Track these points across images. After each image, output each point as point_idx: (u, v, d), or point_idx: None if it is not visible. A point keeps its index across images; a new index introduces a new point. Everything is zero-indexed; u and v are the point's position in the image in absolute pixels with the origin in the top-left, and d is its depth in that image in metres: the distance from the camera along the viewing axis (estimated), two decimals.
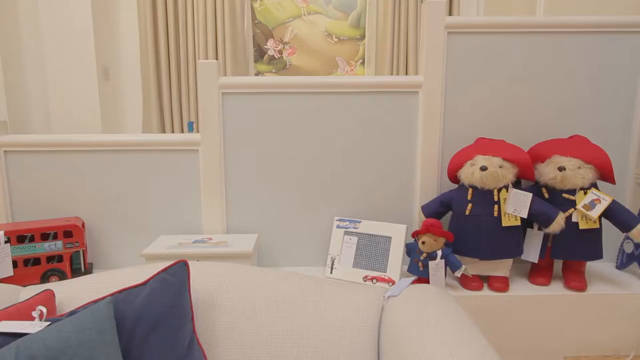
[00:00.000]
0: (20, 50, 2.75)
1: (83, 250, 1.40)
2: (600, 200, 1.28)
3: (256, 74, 3.02)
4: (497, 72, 1.45)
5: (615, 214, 1.27)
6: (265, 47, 2.99)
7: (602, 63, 1.45)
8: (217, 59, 2.79)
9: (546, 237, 1.34)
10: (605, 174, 1.30)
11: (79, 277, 1.03)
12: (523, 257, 1.35)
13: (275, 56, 3.00)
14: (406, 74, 2.82)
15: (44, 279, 1.34)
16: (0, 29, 2.56)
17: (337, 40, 2.98)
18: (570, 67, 1.45)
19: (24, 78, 2.79)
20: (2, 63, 2.57)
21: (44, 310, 0.84)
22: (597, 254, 1.31)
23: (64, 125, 2.64)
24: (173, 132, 2.86)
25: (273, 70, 3.02)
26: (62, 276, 1.35)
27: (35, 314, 0.84)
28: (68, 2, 2.54)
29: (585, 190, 1.30)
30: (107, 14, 2.79)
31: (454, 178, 1.39)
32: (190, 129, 2.73)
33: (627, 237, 1.46)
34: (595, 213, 1.27)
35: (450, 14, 2.76)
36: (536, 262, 1.34)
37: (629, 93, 1.46)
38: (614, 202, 1.27)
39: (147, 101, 2.84)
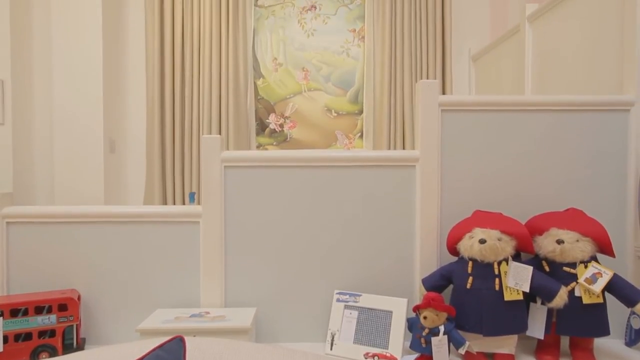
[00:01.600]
0: (32, 123, 2.86)
1: (77, 325, 1.36)
2: (601, 274, 1.27)
3: (258, 147, 3.11)
4: (491, 148, 1.50)
5: (617, 288, 1.26)
6: (267, 121, 3.11)
7: (592, 139, 1.50)
8: (220, 133, 2.89)
9: (550, 311, 1.31)
10: (604, 246, 1.31)
11: (69, 354, 1.00)
12: (528, 333, 1.32)
13: (277, 130, 3.11)
14: (403, 147, 2.90)
15: (34, 355, 1.29)
16: (14, 102, 2.67)
17: (336, 114, 3.11)
18: (561, 143, 1.50)
19: (32, 150, 2.87)
20: (12, 136, 2.66)
21: None
22: (604, 330, 1.28)
23: (67, 196, 2.68)
24: (174, 203, 2.89)
25: (274, 143, 3.12)
26: (52, 352, 1.30)
27: None
28: (81, 75, 2.68)
29: (585, 263, 1.29)
30: (118, 88, 2.93)
31: (453, 251, 1.39)
32: (192, 200, 2.76)
33: (633, 312, 1.43)
34: (598, 287, 1.25)
35: (443, 92, 2.91)
36: (542, 338, 1.31)
37: (620, 168, 1.50)
38: (615, 275, 1.26)
39: (150, 173, 2.89)
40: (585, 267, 1.29)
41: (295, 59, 3.09)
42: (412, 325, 1.31)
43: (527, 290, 1.26)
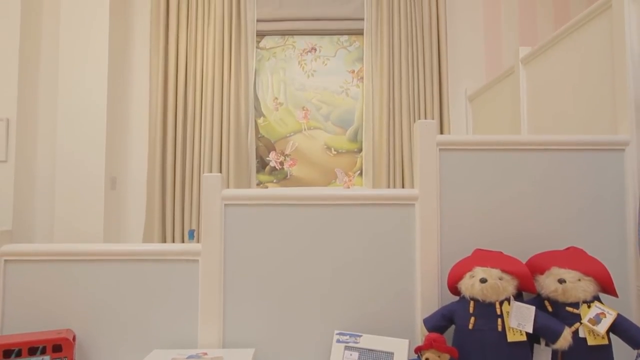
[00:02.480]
0: (34, 161, 2.89)
1: None
2: (605, 315, 1.26)
3: (258, 184, 3.13)
4: (490, 186, 1.52)
5: (622, 329, 1.24)
6: (268, 159, 3.14)
7: (589, 178, 1.52)
8: (221, 170, 2.91)
9: (555, 353, 1.28)
10: (606, 286, 1.30)
11: None
12: None
13: (277, 167, 3.14)
14: (403, 184, 2.92)
15: None
16: (18, 140, 2.71)
17: (335, 152, 3.15)
18: (559, 182, 1.52)
19: (34, 188, 2.89)
20: (15, 174, 2.68)
21: None
22: None
23: (66, 233, 2.67)
24: (174, 240, 2.88)
25: (274, 181, 3.14)
26: None
27: None
28: (85, 115, 2.73)
29: (588, 303, 1.28)
30: (121, 125, 2.98)
31: (454, 290, 1.38)
32: (191, 237, 2.74)
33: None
34: (602, 328, 1.24)
35: (441, 131, 2.95)
36: None
37: (618, 206, 1.51)
38: (619, 316, 1.25)
39: (151, 210, 2.90)
40: (589, 307, 1.27)
41: (296, 99, 3.16)
42: None
43: (531, 331, 1.24)
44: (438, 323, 1.36)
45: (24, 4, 2.78)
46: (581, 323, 1.26)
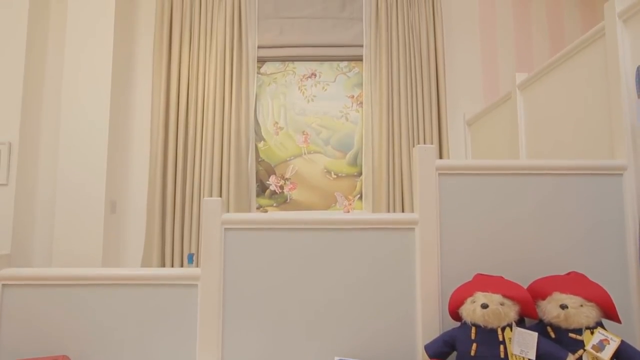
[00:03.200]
0: (35, 184, 2.90)
1: None
2: (609, 341, 1.24)
3: (258, 208, 3.12)
4: (490, 211, 1.52)
5: (627, 356, 1.22)
6: (268, 182, 3.15)
7: (589, 203, 1.53)
8: (221, 194, 2.92)
9: None
10: (609, 312, 1.28)
11: None
12: None
13: (277, 191, 3.15)
14: (402, 208, 2.92)
15: None
16: (20, 164, 2.72)
17: (335, 176, 3.16)
18: (559, 206, 1.52)
19: (34, 211, 2.89)
20: (15, 197, 2.68)
21: None
22: None
23: (65, 257, 2.65)
24: (173, 264, 2.86)
25: (274, 205, 3.14)
26: None
27: None
28: (87, 139, 2.74)
29: (591, 329, 1.27)
30: (122, 149, 3.00)
31: (455, 315, 1.36)
32: (190, 261, 2.73)
33: None
34: (606, 355, 1.22)
35: (440, 156, 2.97)
36: None
37: (618, 230, 1.51)
38: (623, 342, 1.23)
39: (150, 233, 2.89)
40: (592, 333, 1.26)
41: (296, 123, 3.19)
42: None
43: (533, 358, 1.22)
44: (440, 349, 1.34)
45: (30, 28, 2.84)
46: (585, 350, 1.24)
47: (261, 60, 3.23)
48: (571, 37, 3.28)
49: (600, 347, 1.24)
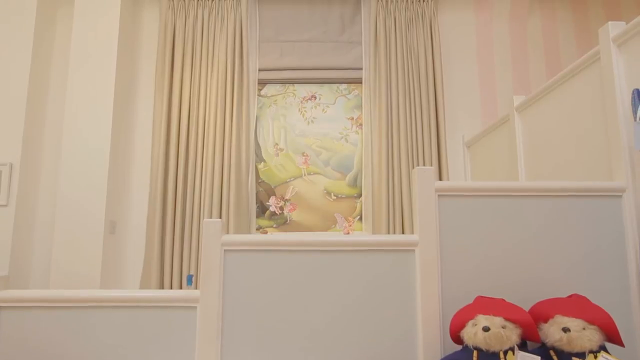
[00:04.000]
0: (35, 206, 2.90)
1: None
2: None
3: (258, 229, 3.12)
4: (490, 232, 1.52)
5: None
6: (268, 203, 3.15)
7: (589, 224, 1.53)
8: (221, 215, 2.92)
9: None
10: (611, 335, 1.27)
11: None
12: None
13: (277, 212, 3.15)
14: (402, 229, 2.92)
15: None
16: (20, 185, 2.73)
17: (335, 198, 3.16)
18: (559, 228, 1.52)
19: (33, 232, 2.88)
20: (15, 218, 2.68)
21: None
22: None
23: (63, 277, 2.63)
24: (172, 285, 2.84)
25: (274, 226, 3.13)
26: None
27: None
28: (88, 160, 2.75)
29: (595, 353, 1.25)
30: (123, 170, 3.01)
31: (457, 339, 1.35)
32: (189, 283, 2.71)
33: None
34: None
35: (439, 177, 2.98)
36: None
37: (619, 252, 1.51)
38: None
39: (149, 254, 2.87)
40: (595, 357, 1.24)
41: (296, 145, 3.21)
42: None
43: None
44: None
45: (34, 50, 2.88)
46: None
47: (262, 83, 3.27)
48: (567, 60, 3.33)
49: None
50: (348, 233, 3.13)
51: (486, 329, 1.24)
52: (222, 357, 1.43)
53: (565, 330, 1.26)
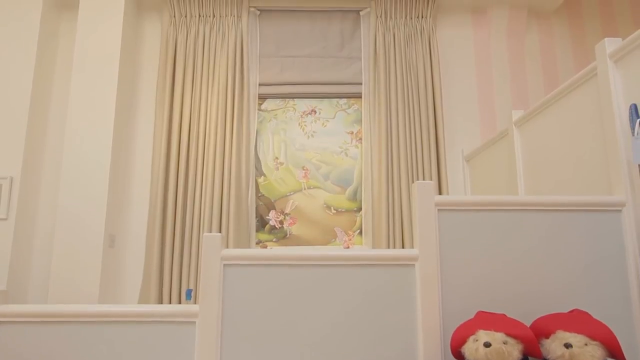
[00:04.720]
0: (35, 219, 2.90)
1: None
2: None
3: (257, 243, 3.11)
4: (490, 246, 1.52)
5: None
6: (267, 217, 3.15)
7: (589, 239, 1.53)
8: (220, 229, 2.91)
9: None
10: (614, 351, 1.26)
11: None
12: None
13: (277, 226, 3.14)
14: (402, 243, 2.91)
15: None
16: (20, 199, 2.73)
17: (335, 211, 3.16)
18: (559, 243, 1.52)
19: (32, 246, 2.87)
20: (14, 232, 2.67)
21: None
22: None
23: (61, 292, 2.61)
24: (171, 299, 2.82)
25: (274, 240, 3.13)
26: None
27: None
28: (89, 175, 2.76)
29: None
30: (123, 184, 3.01)
31: (457, 355, 1.34)
32: (188, 297, 2.69)
33: None
34: None
35: (439, 191, 2.99)
36: None
37: (619, 266, 1.50)
38: None
39: (148, 268, 2.86)
40: None
41: (296, 159, 3.22)
42: None
43: None
44: None
45: (36, 65, 2.91)
46: None
47: (262, 97, 3.29)
48: (565, 75, 3.36)
49: None
50: (348, 247, 3.12)
51: (487, 345, 1.24)
52: None
53: (568, 346, 1.25)
